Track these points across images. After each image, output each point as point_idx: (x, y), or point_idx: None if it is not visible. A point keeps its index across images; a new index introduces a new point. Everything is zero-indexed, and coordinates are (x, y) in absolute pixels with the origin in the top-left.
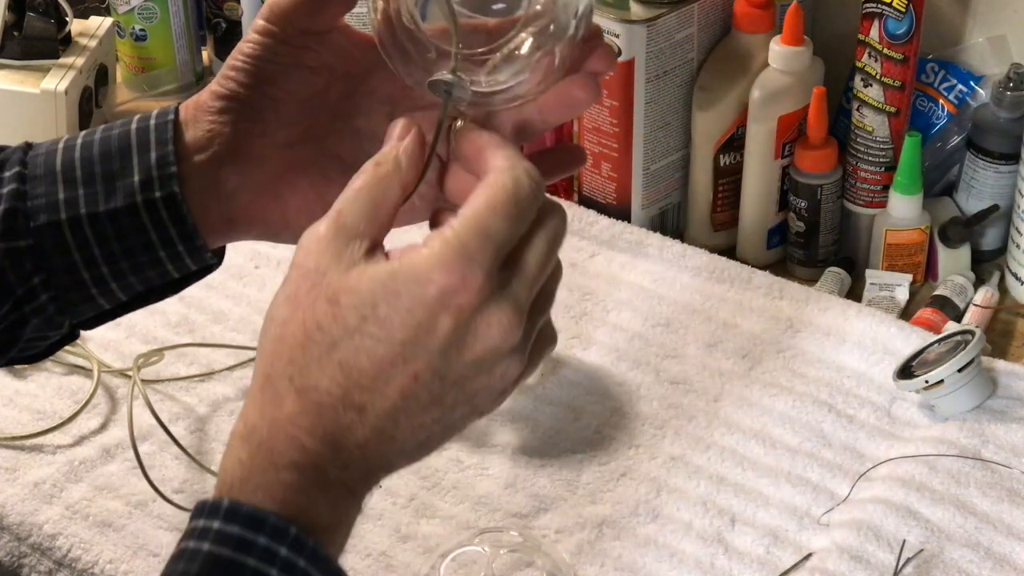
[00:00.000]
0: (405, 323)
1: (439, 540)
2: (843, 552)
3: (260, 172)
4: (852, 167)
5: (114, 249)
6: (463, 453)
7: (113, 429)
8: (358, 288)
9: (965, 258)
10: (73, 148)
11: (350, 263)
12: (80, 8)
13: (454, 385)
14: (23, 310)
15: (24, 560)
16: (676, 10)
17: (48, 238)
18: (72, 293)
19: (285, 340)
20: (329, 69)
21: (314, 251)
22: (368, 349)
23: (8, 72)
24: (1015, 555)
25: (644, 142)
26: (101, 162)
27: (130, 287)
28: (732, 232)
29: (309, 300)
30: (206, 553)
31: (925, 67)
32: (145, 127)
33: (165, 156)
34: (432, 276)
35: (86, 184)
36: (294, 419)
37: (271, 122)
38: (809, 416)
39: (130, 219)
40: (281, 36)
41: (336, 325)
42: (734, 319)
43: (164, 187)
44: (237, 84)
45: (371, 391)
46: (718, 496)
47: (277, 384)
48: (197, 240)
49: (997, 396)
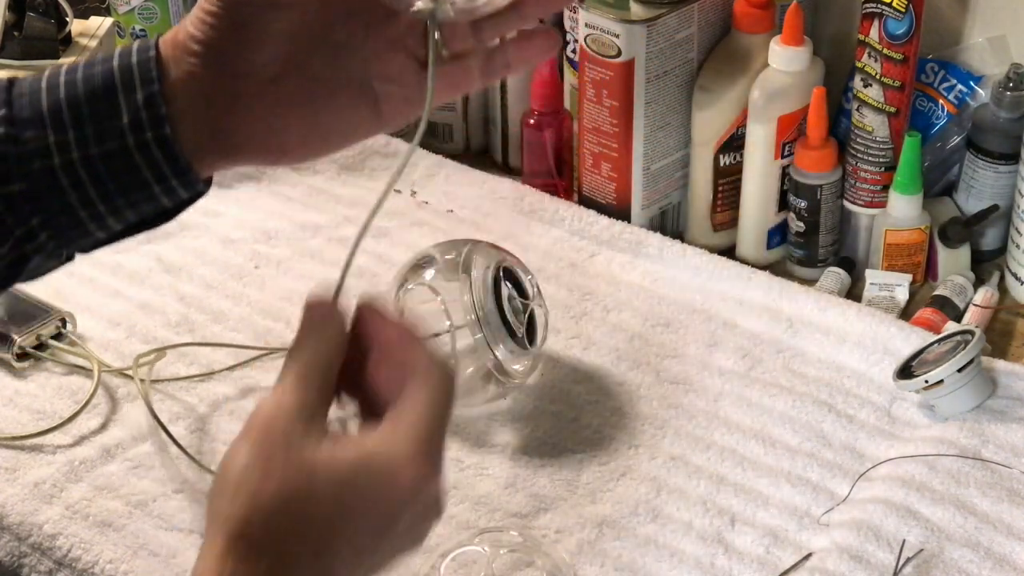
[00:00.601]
0: (379, 512)
1: (439, 540)
2: (843, 552)
3: (249, 110)
4: (852, 167)
5: (110, 188)
6: (463, 453)
7: (113, 429)
8: (333, 467)
9: (965, 258)
10: (57, 87)
11: (318, 437)
12: (80, 8)
13: (391, 552)
14: (24, 249)
15: (24, 560)
16: (676, 10)
17: (43, 182)
18: (71, 231)
19: (260, 504)
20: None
21: (282, 423)
22: (345, 533)
23: (8, 72)
24: (1015, 555)
25: (644, 142)
26: (88, 102)
27: (126, 219)
28: (732, 232)
29: (284, 469)
30: None
31: (925, 67)
32: (127, 64)
33: (152, 96)
34: (405, 467)
35: (75, 126)
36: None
37: (254, 62)
38: (809, 416)
39: (123, 160)
40: None
41: (316, 503)
42: (734, 319)
43: (155, 128)
44: (213, 29)
45: (341, 565)
46: (718, 496)
47: (248, 548)
48: (191, 174)
49: (997, 396)
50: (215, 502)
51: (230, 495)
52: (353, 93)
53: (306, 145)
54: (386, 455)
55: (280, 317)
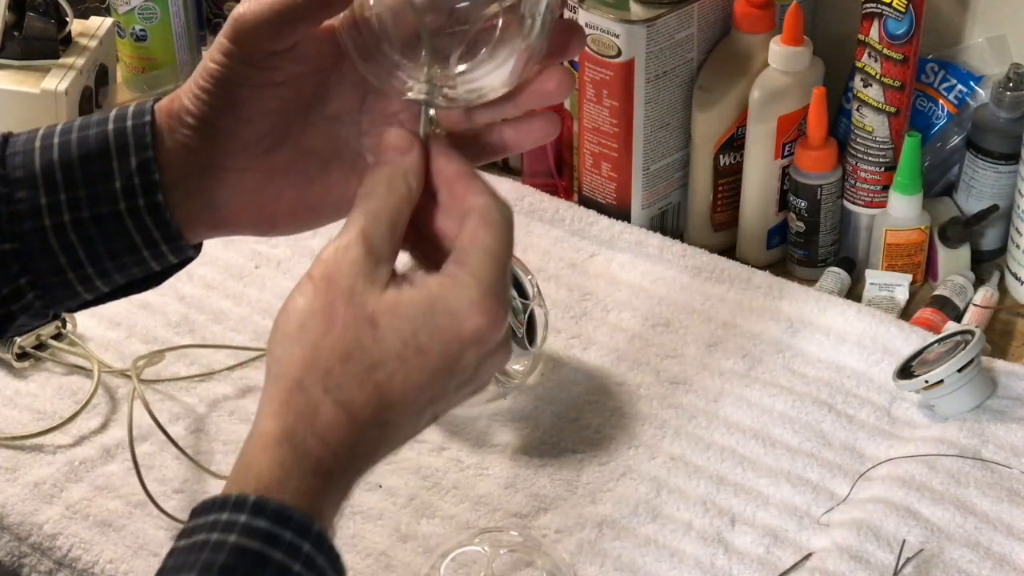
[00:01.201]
0: (441, 354)
1: (439, 540)
2: (843, 552)
3: (241, 182)
4: (852, 167)
5: (99, 251)
6: (463, 453)
7: (113, 429)
8: (397, 313)
9: (965, 258)
10: (51, 148)
11: (382, 286)
12: (80, 8)
13: (452, 399)
14: (10, 308)
15: (24, 560)
16: (676, 10)
17: (34, 243)
18: (58, 291)
19: (321, 351)
20: (298, 76)
21: (345, 271)
22: (405, 374)
23: (8, 72)
24: (1015, 555)
25: (644, 142)
26: (81, 165)
27: (113, 282)
28: (732, 232)
29: (347, 317)
30: (232, 544)
31: (925, 67)
32: (122, 128)
33: (146, 162)
34: (470, 314)
35: (68, 188)
36: (329, 429)
37: (247, 138)
38: (809, 416)
39: (114, 224)
40: (246, 58)
41: (377, 347)
42: (734, 319)
43: (147, 195)
44: (207, 106)
45: (397, 412)
46: (718, 496)
47: (311, 392)
48: (180, 240)
49: (997, 396)
50: (276, 350)
51: (291, 343)
52: (345, 166)
53: (296, 217)
54: (450, 301)
55: None
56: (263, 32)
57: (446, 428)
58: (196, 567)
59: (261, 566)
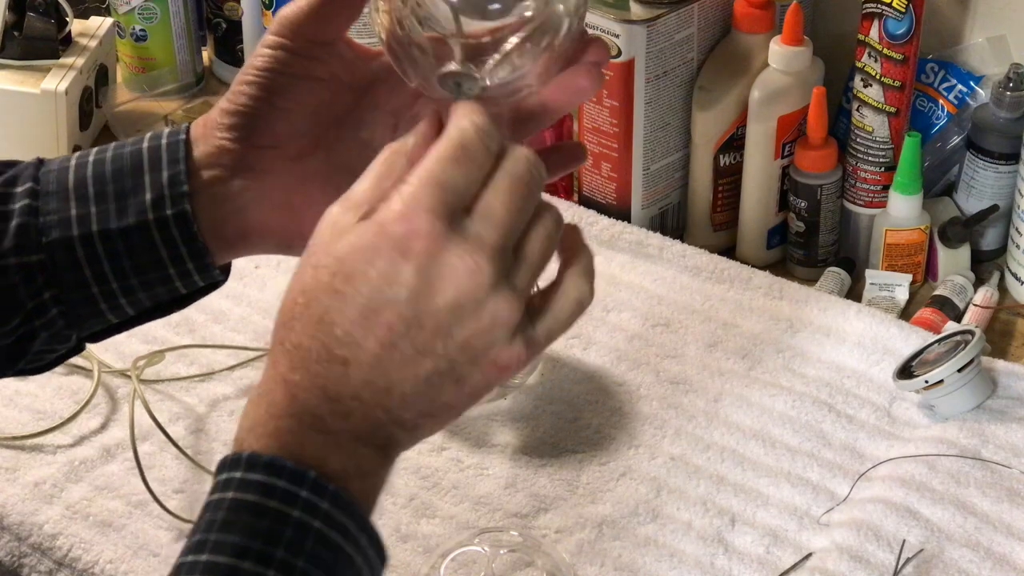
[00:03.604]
0: (367, 275)
1: (439, 540)
2: (843, 552)
3: (272, 185)
4: (852, 167)
5: (124, 265)
6: (463, 453)
7: (113, 429)
8: (334, 250)
9: (965, 258)
10: (85, 166)
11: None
12: (80, 8)
13: (437, 333)
14: (33, 324)
15: (24, 560)
16: (676, 10)
17: (60, 254)
18: (82, 308)
19: (282, 310)
20: (335, 79)
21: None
22: (340, 304)
23: (8, 72)
24: (1015, 555)
25: (644, 142)
26: (113, 180)
27: (139, 302)
28: (732, 232)
29: (300, 270)
30: (231, 500)
31: (925, 67)
32: (157, 146)
33: (177, 175)
34: (386, 227)
35: (98, 201)
36: (287, 375)
37: (281, 134)
38: (809, 416)
39: (141, 236)
40: (292, 48)
41: (315, 285)
42: (734, 319)
43: (175, 205)
44: (248, 98)
45: (349, 345)
46: (718, 496)
47: (275, 350)
48: (207, 257)
49: (997, 396)
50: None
51: None
52: None
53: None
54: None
55: None
56: (308, 20)
57: (446, 428)
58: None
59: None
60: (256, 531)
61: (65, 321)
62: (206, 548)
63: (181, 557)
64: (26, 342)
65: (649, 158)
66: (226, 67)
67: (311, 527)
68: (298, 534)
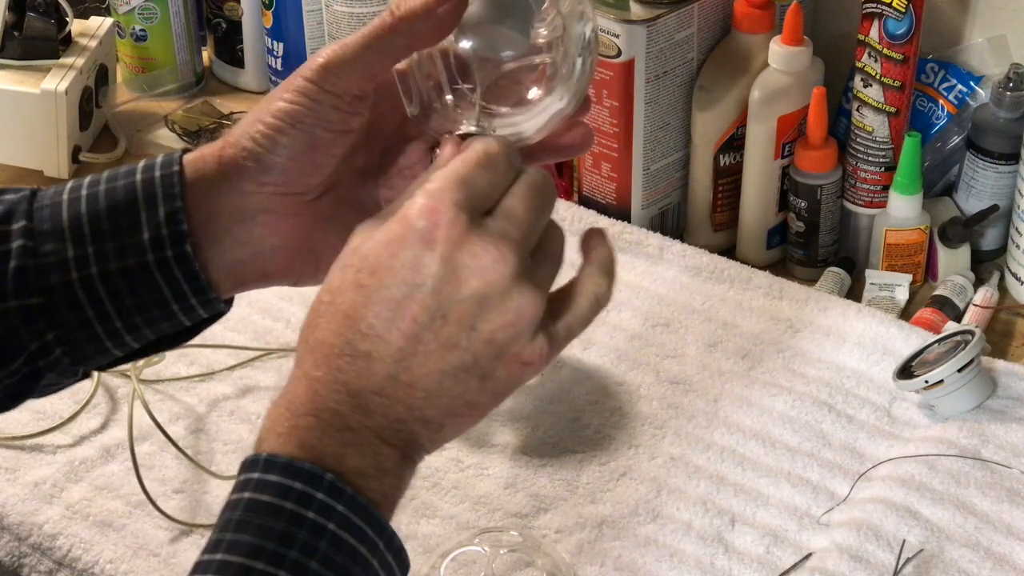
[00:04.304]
0: (392, 268)
1: (439, 540)
2: (843, 552)
3: (293, 229)
4: (852, 167)
5: (127, 304)
6: (463, 453)
7: (113, 429)
8: (360, 249)
9: (965, 258)
10: (79, 201)
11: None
12: (80, 8)
13: (462, 325)
14: (37, 364)
15: (24, 560)
16: (676, 10)
17: (60, 296)
18: (86, 346)
19: (309, 311)
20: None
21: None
22: (364, 297)
23: (8, 72)
24: (1015, 555)
25: (644, 142)
26: (109, 217)
27: (143, 337)
28: (732, 232)
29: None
30: (247, 500)
31: (925, 67)
32: (150, 179)
33: (174, 213)
34: (410, 220)
35: (95, 241)
36: (310, 372)
37: (312, 183)
38: (809, 416)
39: (142, 276)
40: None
41: (341, 284)
42: (734, 319)
43: (176, 245)
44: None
45: (373, 338)
46: (718, 496)
47: (300, 348)
48: (211, 293)
49: (997, 396)
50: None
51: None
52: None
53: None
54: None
55: (280, 317)
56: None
57: None
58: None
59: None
60: (270, 532)
61: (70, 359)
62: (221, 547)
63: (200, 556)
64: (31, 380)
65: (649, 158)
66: (226, 67)
67: (326, 529)
68: (312, 536)
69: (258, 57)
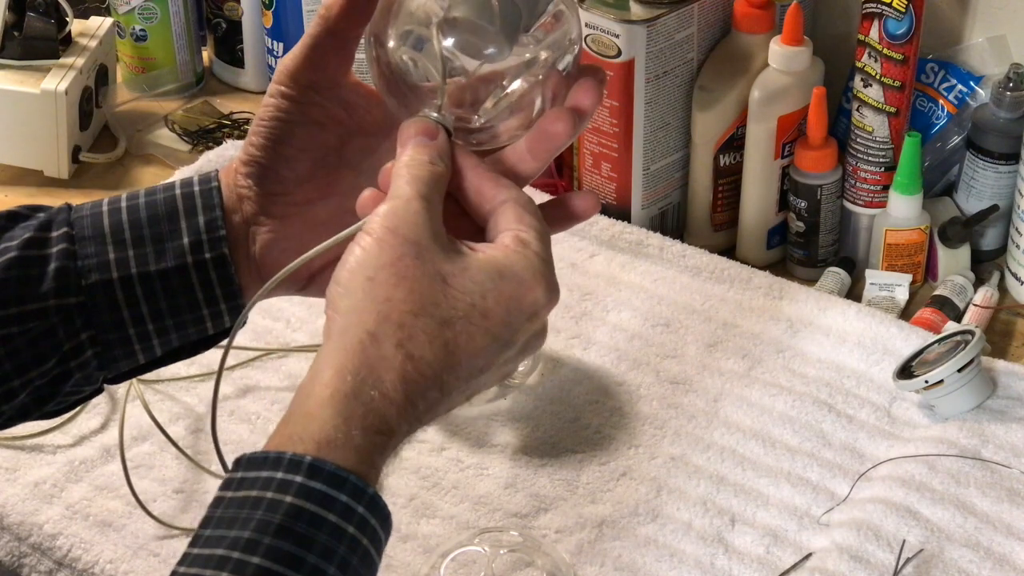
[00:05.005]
0: (502, 320)
1: (439, 540)
2: (843, 552)
3: (286, 232)
4: (852, 167)
5: (162, 307)
6: (463, 453)
7: (113, 429)
8: (468, 274)
9: (965, 258)
10: (119, 211)
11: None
12: (80, 8)
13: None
14: (68, 365)
15: (24, 560)
16: (676, 10)
17: (100, 296)
18: (116, 349)
19: (394, 304)
20: (340, 124)
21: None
22: (471, 336)
23: (8, 72)
24: (1015, 555)
25: (644, 142)
26: (149, 225)
27: (169, 343)
28: (732, 232)
29: (417, 272)
30: (289, 505)
31: (925, 67)
32: (190, 192)
33: (213, 220)
34: (534, 284)
35: (135, 245)
36: (397, 380)
37: (288, 181)
38: (809, 416)
39: (179, 279)
40: (291, 95)
41: (448, 304)
42: (734, 319)
43: (214, 248)
44: (256, 148)
45: (457, 375)
46: (718, 496)
47: (383, 345)
48: (239, 298)
49: (997, 396)
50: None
51: (360, 295)
52: None
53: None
54: (517, 270)
55: (280, 317)
56: (303, 67)
57: (446, 428)
58: (251, 524)
59: (316, 527)
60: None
61: (99, 362)
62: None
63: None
64: (59, 383)
65: (649, 158)
66: (226, 67)
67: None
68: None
69: (258, 57)
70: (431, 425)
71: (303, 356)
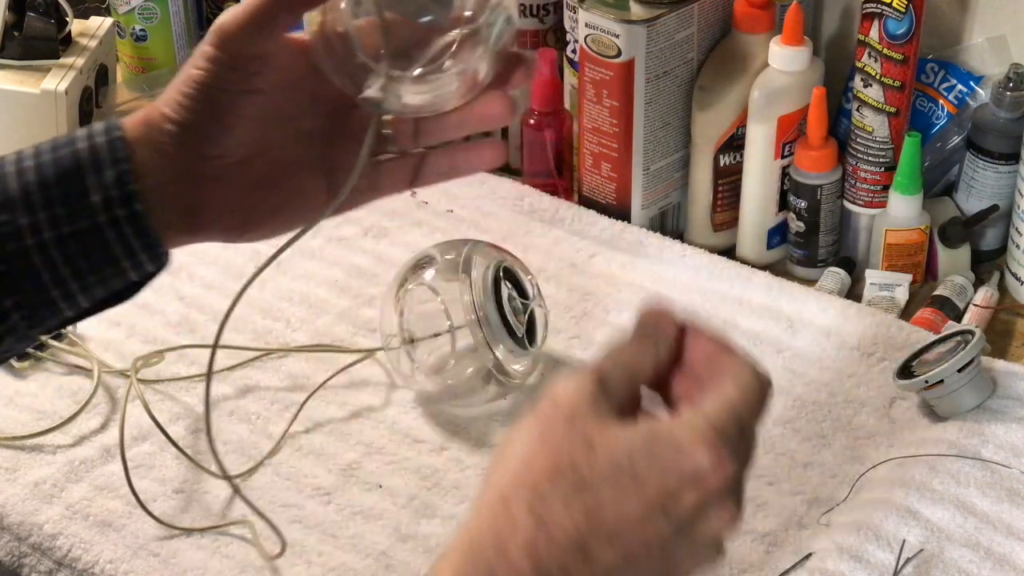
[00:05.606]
0: (657, 486)
1: (439, 540)
2: (843, 552)
3: (217, 190)
4: (852, 167)
5: (81, 266)
6: (463, 453)
7: (113, 429)
8: (616, 440)
9: (965, 258)
10: (26, 171)
11: (606, 416)
12: (80, 8)
13: (670, 560)
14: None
15: (24, 560)
16: (676, 10)
17: (17, 264)
18: (42, 310)
19: (532, 468)
20: (275, 87)
21: (571, 397)
22: (615, 502)
23: (8, 72)
24: (1015, 555)
25: (644, 142)
26: (57, 183)
27: (93, 296)
28: (732, 232)
29: (562, 436)
30: None
31: (925, 67)
32: (93, 145)
33: (123, 174)
34: (693, 449)
35: (46, 207)
36: (523, 548)
37: (226, 145)
38: (809, 416)
39: (94, 238)
40: (229, 62)
41: (589, 468)
42: (734, 319)
43: (126, 205)
44: (188, 111)
45: (603, 544)
46: None
47: (513, 507)
48: (159, 248)
49: (997, 396)
50: (490, 467)
51: (505, 459)
52: (313, 178)
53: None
54: (674, 433)
55: (280, 317)
56: (245, 35)
57: (446, 428)
58: None
59: None
60: None
61: (27, 323)
62: None
63: None
64: None
65: (649, 158)
66: None
67: None
68: None
69: None
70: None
71: (303, 356)
